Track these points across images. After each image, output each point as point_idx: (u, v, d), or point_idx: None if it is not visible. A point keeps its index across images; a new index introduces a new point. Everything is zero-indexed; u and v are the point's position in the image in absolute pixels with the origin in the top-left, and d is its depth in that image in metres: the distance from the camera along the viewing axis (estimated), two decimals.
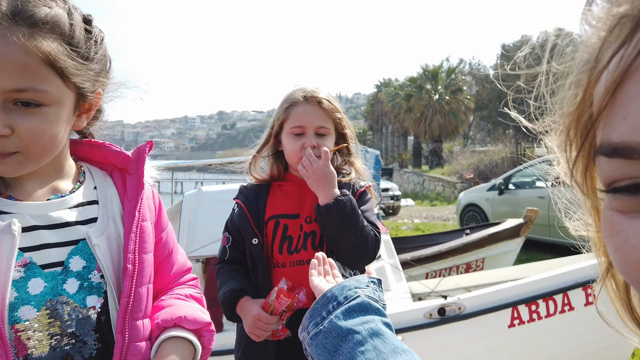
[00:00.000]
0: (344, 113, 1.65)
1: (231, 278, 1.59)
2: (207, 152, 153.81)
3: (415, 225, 12.51)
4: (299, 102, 1.59)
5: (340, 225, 1.49)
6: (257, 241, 1.56)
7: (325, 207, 1.49)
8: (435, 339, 2.73)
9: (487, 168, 19.85)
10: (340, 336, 0.75)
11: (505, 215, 7.54)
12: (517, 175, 9.42)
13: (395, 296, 3.19)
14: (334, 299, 0.82)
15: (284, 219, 1.58)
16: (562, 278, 2.91)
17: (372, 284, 0.87)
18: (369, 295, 0.83)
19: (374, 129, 44.09)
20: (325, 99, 1.59)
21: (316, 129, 1.58)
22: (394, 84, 36.46)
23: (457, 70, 30.76)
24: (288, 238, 1.57)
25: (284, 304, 1.44)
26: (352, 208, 1.51)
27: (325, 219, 1.49)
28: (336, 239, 1.52)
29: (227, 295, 1.54)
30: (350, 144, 1.68)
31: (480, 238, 5.42)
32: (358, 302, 0.80)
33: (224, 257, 1.66)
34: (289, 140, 1.59)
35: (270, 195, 1.63)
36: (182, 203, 2.91)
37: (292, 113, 1.58)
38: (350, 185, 1.64)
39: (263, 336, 1.48)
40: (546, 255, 7.61)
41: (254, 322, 1.47)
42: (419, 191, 25.06)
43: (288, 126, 1.59)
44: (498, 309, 2.79)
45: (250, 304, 1.51)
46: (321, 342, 0.76)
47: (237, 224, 1.60)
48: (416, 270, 4.81)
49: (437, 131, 28.77)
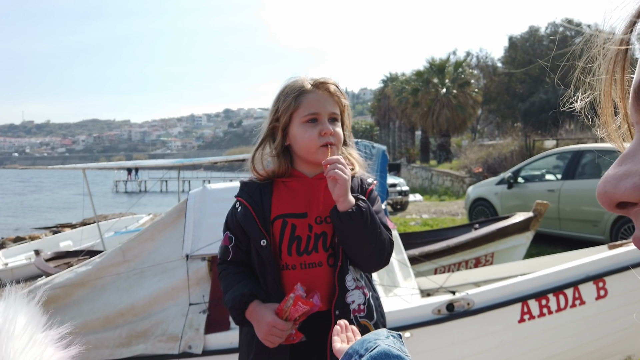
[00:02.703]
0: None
1: (237, 281, 1.54)
2: (214, 151, 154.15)
3: (424, 220, 12.45)
4: (308, 90, 1.55)
5: (363, 233, 1.45)
6: (265, 242, 1.50)
7: (348, 216, 1.43)
8: (444, 335, 2.70)
9: (496, 162, 19.68)
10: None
11: (514, 209, 7.47)
12: (526, 169, 9.33)
13: (404, 292, 3.16)
14: (355, 353, 0.86)
15: (292, 218, 1.53)
16: (572, 272, 2.86)
17: (392, 337, 0.92)
18: (388, 344, 0.88)
19: (381, 125, 43.93)
20: (333, 84, 1.58)
21: (329, 115, 1.55)
22: (401, 78, 36.25)
23: (465, 63, 30.50)
24: (296, 238, 1.52)
25: (300, 311, 1.40)
26: (372, 215, 1.48)
27: (348, 227, 1.44)
28: (355, 247, 1.48)
29: (237, 300, 1.49)
30: (346, 134, 1.65)
31: (489, 232, 5.37)
32: (378, 350, 0.84)
33: (227, 258, 1.60)
34: (303, 129, 1.53)
35: (275, 192, 1.57)
36: (187, 201, 2.90)
37: (303, 101, 1.53)
38: (358, 181, 1.60)
39: (277, 343, 1.45)
40: (556, 248, 7.54)
41: (269, 329, 1.43)
42: (427, 186, 24.94)
43: (300, 115, 1.53)
44: (508, 304, 2.75)
45: (262, 310, 1.47)
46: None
47: (243, 224, 1.54)
48: (425, 266, 4.77)
49: (444, 125, 28.58)
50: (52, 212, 23.71)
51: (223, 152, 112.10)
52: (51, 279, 2.79)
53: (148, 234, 2.85)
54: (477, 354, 2.75)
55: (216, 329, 2.63)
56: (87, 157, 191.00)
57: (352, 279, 1.52)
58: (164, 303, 2.69)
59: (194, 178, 37.53)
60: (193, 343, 2.56)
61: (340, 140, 1.55)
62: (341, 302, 1.49)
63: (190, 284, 2.68)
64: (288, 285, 1.49)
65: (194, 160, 6.48)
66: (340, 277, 1.50)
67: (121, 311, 2.66)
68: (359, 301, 1.51)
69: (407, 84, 31.90)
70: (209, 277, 2.70)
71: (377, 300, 1.61)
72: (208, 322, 2.61)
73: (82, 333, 2.63)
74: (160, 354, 2.56)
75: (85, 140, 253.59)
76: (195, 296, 2.67)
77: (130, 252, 2.81)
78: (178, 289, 2.69)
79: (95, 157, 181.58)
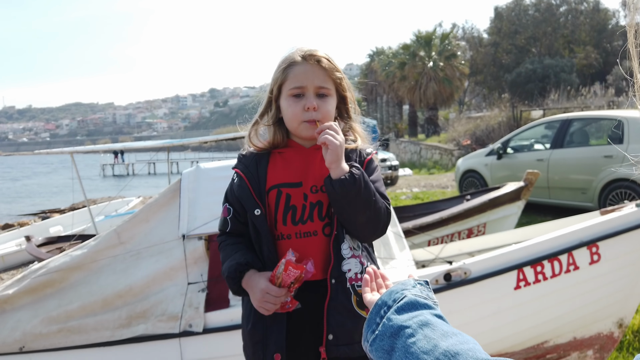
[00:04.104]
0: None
1: (235, 251, 1.55)
2: (201, 131, 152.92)
3: (415, 194, 12.53)
4: (297, 62, 1.52)
5: (356, 201, 1.44)
6: (259, 212, 1.50)
7: (340, 183, 1.42)
8: (442, 305, 2.70)
9: (484, 133, 19.77)
10: (393, 334, 0.80)
11: (504, 180, 7.53)
12: (515, 139, 9.38)
13: (400, 264, 3.19)
14: (384, 305, 0.87)
15: (286, 188, 1.53)
16: (566, 238, 2.90)
17: (419, 285, 0.93)
18: (415, 294, 0.88)
19: (368, 100, 43.71)
20: (324, 57, 1.53)
21: (316, 90, 1.51)
22: (387, 52, 35.95)
23: (451, 35, 30.28)
24: (292, 208, 1.51)
25: (292, 276, 1.41)
26: (366, 183, 1.46)
27: (340, 194, 1.43)
28: (349, 215, 1.47)
29: (233, 269, 1.50)
30: (350, 108, 1.62)
31: (481, 203, 5.41)
32: (405, 301, 0.85)
33: (226, 229, 1.60)
34: (288, 103, 1.52)
35: (270, 163, 1.57)
36: (180, 182, 2.87)
37: (290, 74, 1.51)
38: (356, 152, 1.58)
39: (272, 310, 1.45)
40: (546, 217, 7.64)
41: (262, 296, 1.44)
42: (416, 160, 25.03)
43: (287, 88, 1.52)
44: (504, 272, 2.79)
45: (256, 278, 1.47)
46: (379, 346, 0.81)
47: (238, 195, 1.54)
48: (418, 238, 4.81)
49: (432, 99, 28.51)
50: (39, 197, 23.43)
51: (210, 132, 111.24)
52: (46, 264, 2.76)
53: (143, 215, 2.83)
54: (475, 321, 2.79)
55: (216, 307, 2.63)
56: (72, 141, 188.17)
57: (348, 247, 1.51)
58: (162, 283, 2.68)
59: (182, 159, 37.25)
60: (193, 322, 2.57)
61: (326, 117, 1.51)
62: (337, 271, 1.49)
63: (188, 263, 2.68)
64: (283, 255, 1.49)
65: (183, 140, 6.41)
66: (335, 245, 1.50)
67: (119, 293, 2.65)
68: (355, 269, 1.51)
69: (394, 57, 31.65)
70: (207, 256, 2.70)
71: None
72: (207, 301, 2.62)
73: (81, 316, 2.62)
74: (161, 333, 2.57)
75: (69, 124, 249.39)
76: (193, 275, 2.67)
77: (126, 234, 2.78)
78: (176, 269, 2.68)
79: (80, 141, 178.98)
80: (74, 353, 2.59)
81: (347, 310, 1.49)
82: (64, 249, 5.65)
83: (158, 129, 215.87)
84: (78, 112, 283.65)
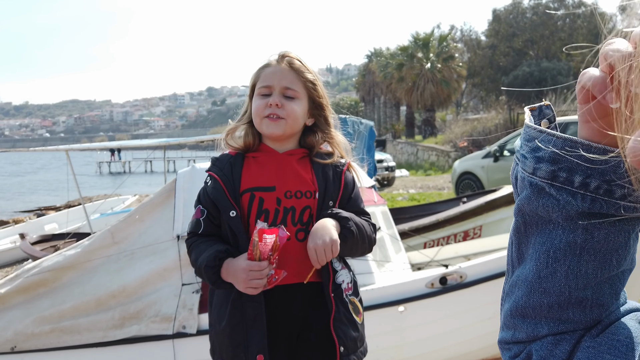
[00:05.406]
0: (329, 85, 1.62)
1: (211, 244, 1.52)
2: (198, 130, 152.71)
3: (411, 195, 12.53)
4: (270, 64, 1.58)
5: (354, 248, 1.59)
6: (234, 214, 1.50)
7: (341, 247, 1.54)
8: (437, 309, 2.73)
9: (481, 136, 19.81)
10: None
11: (500, 182, 7.54)
12: (511, 142, 9.39)
13: (395, 267, 3.18)
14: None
15: (260, 191, 1.53)
16: None
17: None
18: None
19: (365, 100, 43.76)
20: (296, 59, 1.57)
21: (283, 90, 1.54)
22: (385, 53, 35.98)
23: (449, 37, 30.34)
24: (264, 212, 1.52)
25: (269, 244, 1.39)
26: (358, 229, 1.55)
27: (342, 252, 1.54)
28: (349, 255, 1.65)
29: (212, 257, 1.46)
30: (328, 115, 1.62)
31: (477, 206, 5.40)
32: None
33: (198, 231, 1.58)
34: (254, 100, 1.56)
35: (245, 166, 1.57)
36: (175, 182, 2.85)
37: (262, 74, 1.57)
38: (331, 167, 1.60)
39: (260, 287, 1.44)
40: None
41: (246, 274, 1.41)
42: (413, 161, 25.06)
43: (257, 87, 1.57)
44: (500, 276, 2.78)
45: (234, 261, 1.46)
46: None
47: (212, 197, 1.54)
48: (414, 240, 4.81)
49: (429, 100, 28.55)
50: (34, 194, 23.33)
51: (207, 131, 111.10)
52: (39, 263, 2.74)
53: (137, 215, 2.81)
54: (470, 325, 2.78)
55: None
56: (69, 138, 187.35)
57: (337, 261, 1.59)
58: (156, 284, 2.66)
59: (179, 158, 37.15)
60: (187, 323, 2.55)
61: (290, 116, 1.52)
62: (334, 285, 1.56)
63: (182, 264, 2.66)
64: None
65: (180, 139, 6.39)
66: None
67: (113, 293, 2.63)
68: (347, 280, 1.60)
69: (391, 59, 31.69)
70: None
71: (354, 274, 1.70)
72: (201, 302, 2.60)
73: (74, 316, 2.60)
74: (155, 334, 2.55)
75: (66, 121, 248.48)
76: (187, 276, 2.65)
77: (120, 234, 2.76)
78: (170, 270, 2.66)
79: (77, 138, 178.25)
80: (66, 353, 2.57)
81: (348, 320, 1.55)
82: (58, 247, 5.62)
83: (155, 126, 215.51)
84: (75, 109, 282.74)
